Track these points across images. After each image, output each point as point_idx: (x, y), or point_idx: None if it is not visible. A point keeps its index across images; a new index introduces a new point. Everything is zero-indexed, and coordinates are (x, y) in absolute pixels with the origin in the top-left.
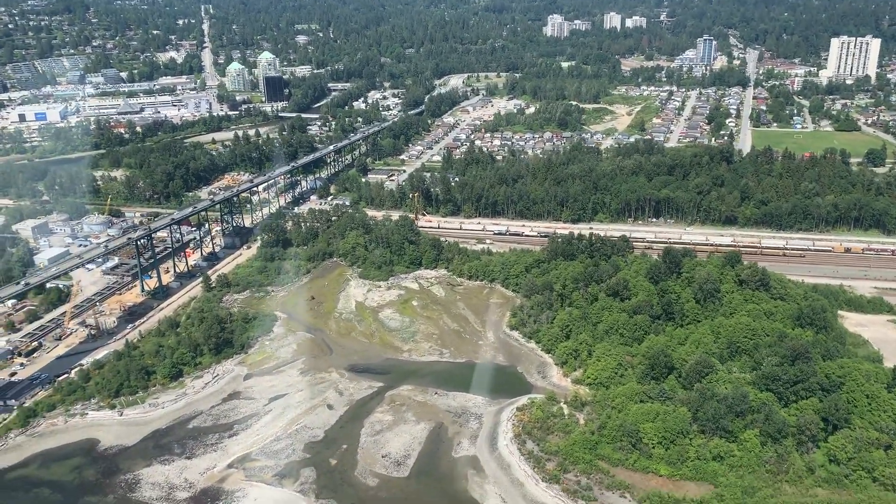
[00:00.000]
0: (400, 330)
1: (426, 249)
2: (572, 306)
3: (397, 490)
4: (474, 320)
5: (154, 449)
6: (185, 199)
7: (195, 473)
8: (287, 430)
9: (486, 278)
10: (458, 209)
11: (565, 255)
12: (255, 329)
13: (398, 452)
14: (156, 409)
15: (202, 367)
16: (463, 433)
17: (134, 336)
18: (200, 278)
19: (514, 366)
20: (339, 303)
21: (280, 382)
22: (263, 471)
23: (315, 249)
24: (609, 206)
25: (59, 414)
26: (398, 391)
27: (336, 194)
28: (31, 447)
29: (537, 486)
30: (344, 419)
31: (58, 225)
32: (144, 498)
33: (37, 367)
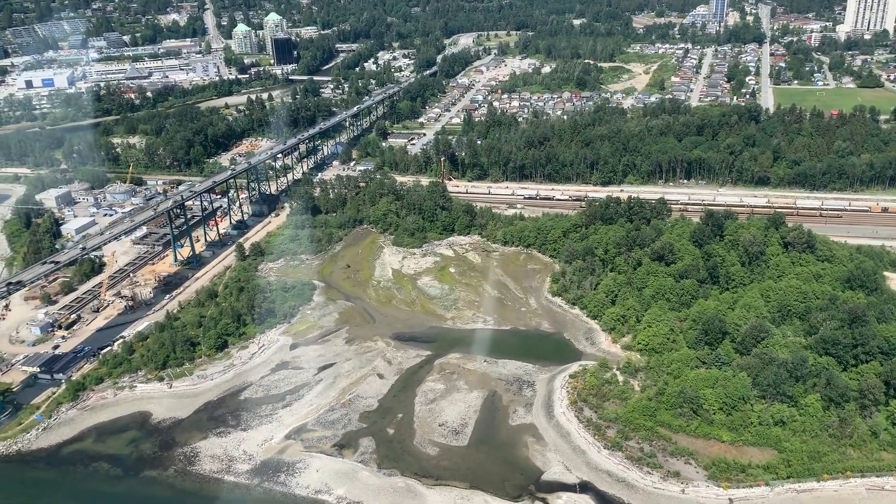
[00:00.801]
0: (440, 297)
1: (459, 215)
2: (615, 271)
3: (459, 459)
4: (514, 287)
5: (208, 421)
6: (206, 166)
7: (253, 445)
8: (340, 399)
9: (522, 244)
10: (485, 173)
11: (604, 220)
12: (295, 298)
13: (455, 421)
14: (205, 380)
15: (246, 337)
16: (517, 401)
17: (173, 307)
18: (232, 247)
19: (561, 332)
20: (375, 271)
21: (327, 352)
22: (321, 441)
23: (345, 217)
24: (639, 168)
25: (107, 387)
26: (447, 359)
27: (358, 159)
28: (83, 421)
29: (599, 453)
30: (396, 388)
31: (80, 194)
32: (205, 471)
33: (78, 340)
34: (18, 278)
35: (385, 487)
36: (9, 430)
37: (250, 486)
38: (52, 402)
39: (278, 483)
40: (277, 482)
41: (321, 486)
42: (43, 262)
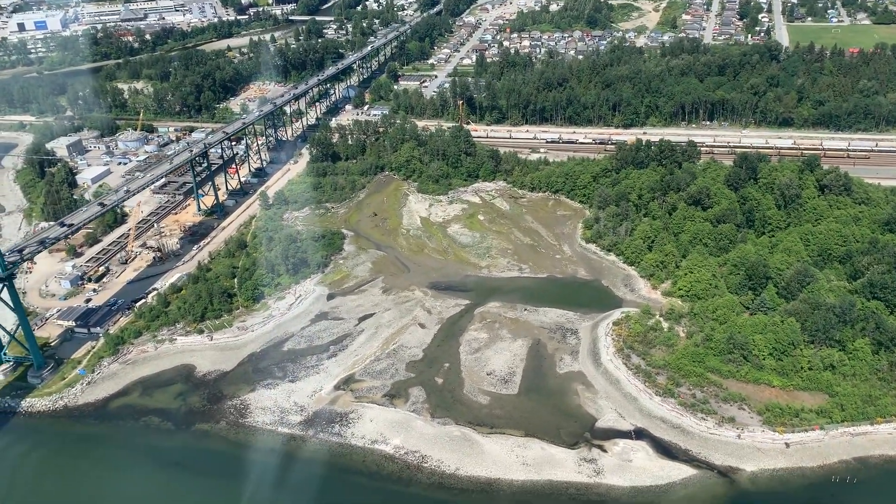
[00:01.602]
0: (472, 246)
1: (483, 161)
2: (649, 217)
3: (510, 407)
4: (546, 234)
5: (254, 373)
6: (217, 111)
7: (303, 396)
8: (384, 349)
9: (550, 189)
10: (504, 117)
11: (635, 164)
12: (326, 247)
13: (502, 370)
14: (245, 332)
15: (282, 287)
16: (562, 349)
17: (203, 258)
18: (254, 195)
19: (598, 279)
20: (403, 219)
21: (365, 302)
22: (371, 391)
23: (366, 163)
24: (662, 110)
25: (147, 340)
26: (486, 308)
27: (371, 103)
28: (127, 375)
29: (651, 400)
30: (439, 338)
31: (91, 142)
32: (258, 423)
33: (110, 293)
34: (70, 220)
35: (441, 436)
36: (53, 386)
37: (305, 438)
38: (92, 357)
39: (333, 434)
40: (332, 433)
41: (377, 435)
42: (62, 224)
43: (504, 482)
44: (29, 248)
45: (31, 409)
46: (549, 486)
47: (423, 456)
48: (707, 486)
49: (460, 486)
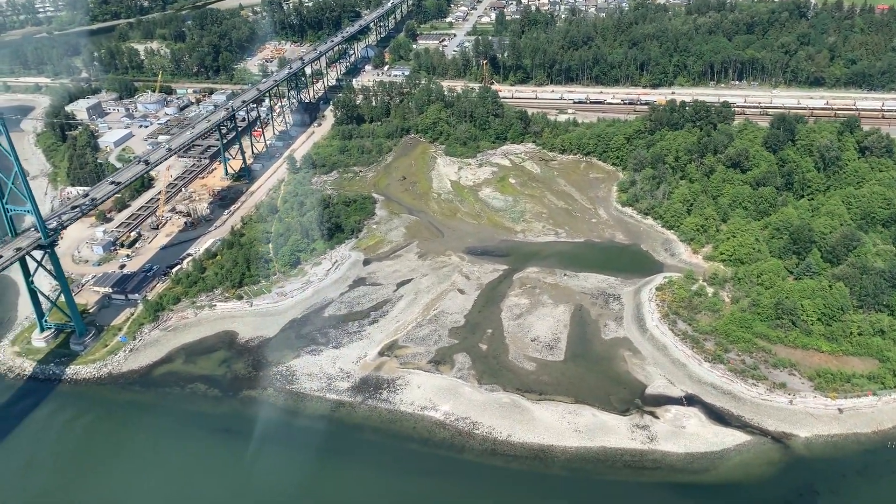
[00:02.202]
0: (506, 210)
1: (512, 123)
2: (686, 179)
3: (558, 374)
4: (580, 197)
5: (297, 339)
6: (235, 72)
7: (348, 363)
8: (425, 315)
9: (581, 151)
10: (528, 77)
11: (669, 125)
12: (359, 212)
13: (546, 336)
14: (284, 298)
15: (318, 253)
16: (606, 314)
17: (235, 223)
18: (280, 159)
19: (637, 244)
20: (432, 182)
21: (402, 267)
22: (416, 358)
23: (392, 126)
24: (691, 70)
25: (186, 307)
26: (525, 274)
27: (391, 63)
28: (168, 342)
29: (701, 366)
30: (479, 303)
31: (109, 105)
32: (305, 390)
33: (143, 259)
34: (115, 178)
35: (490, 403)
36: (96, 353)
37: (354, 404)
38: (133, 324)
39: (382, 400)
40: (381, 399)
41: (426, 402)
42: (111, 182)
43: (558, 449)
44: (68, 215)
45: (76, 377)
46: (604, 453)
47: (474, 422)
48: (762, 452)
49: (514, 452)
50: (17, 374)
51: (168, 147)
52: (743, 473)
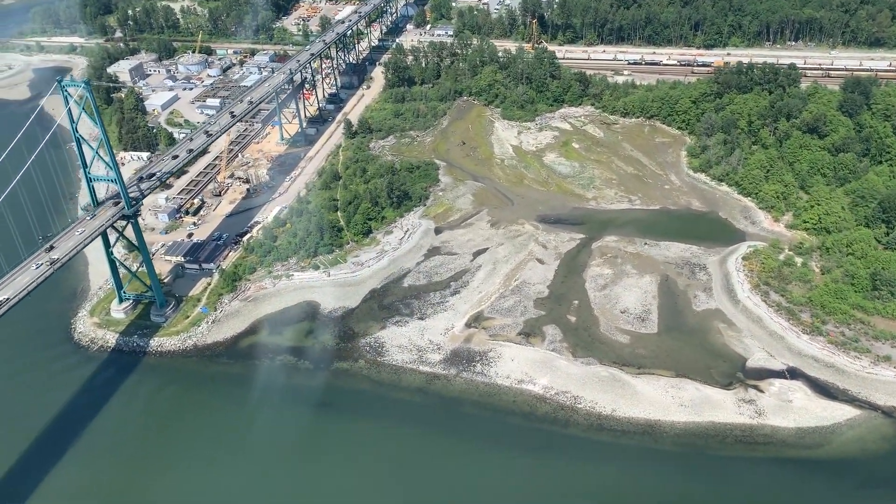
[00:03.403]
0: (574, 176)
1: (570, 85)
2: (758, 145)
3: (653, 346)
4: (649, 163)
5: (380, 310)
6: (275, 32)
7: (436, 334)
8: (507, 286)
9: (643, 115)
10: (577, 36)
11: (738, 88)
12: (423, 179)
13: (636, 308)
14: (361, 268)
15: (388, 221)
16: (694, 285)
17: (299, 189)
18: (332, 123)
19: (714, 211)
20: (493, 147)
21: (475, 236)
22: (505, 329)
23: (444, 88)
24: (746, 30)
25: (262, 277)
26: (604, 242)
27: (432, 22)
28: (250, 312)
29: (799, 338)
30: (561, 273)
31: (150, 66)
32: (397, 362)
33: (211, 227)
34: (190, 146)
35: (589, 376)
36: (178, 324)
37: (449, 377)
38: (211, 294)
39: (477, 373)
40: (475, 372)
41: (522, 375)
42: (175, 156)
43: (665, 424)
44: (147, 184)
45: (160, 349)
46: (713, 428)
47: (576, 397)
48: (874, 426)
49: (620, 427)
50: (101, 346)
51: (231, 112)
52: (858, 449)
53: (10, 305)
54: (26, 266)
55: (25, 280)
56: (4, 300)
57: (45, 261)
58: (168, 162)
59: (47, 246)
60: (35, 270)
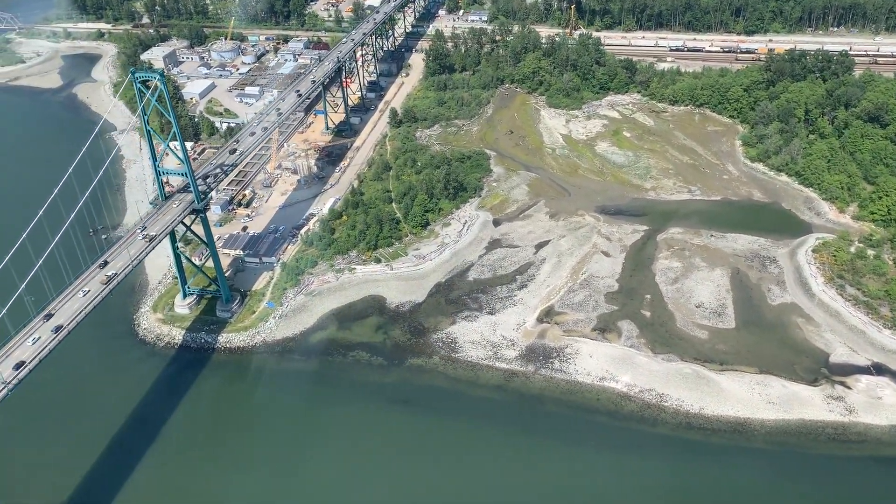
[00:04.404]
0: (629, 166)
1: (616, 72)
2: (815, 134)
3: (733, 342)
4: (703, 152)
5: (447, 305)
6: (307, 18)
7: (508, 330)
8: (575, 279)
9: (693, 103)
10: (616, 22)
11: (791, 76)
12: (475, 169)
13: (711, 302)
14: (423, 261)
15: (445, 213)
16: (766, 279)
17: (351, 180)
18: (375, 111)
19: (777, 202)
20: (542, 137)
21: (535, 228)
22: (578, 325)
23: (486, 76)
24: (789, 15)
25: (325, 270)
26: (669, 235)
27: (466, 8)
28: (315, 307)
29: (881, 333)
30: (628, 267)
31: (182, 53)
32: (472, 358)
33: (265, 219)
34: (243, 147)
35: (671, 373)
36: (245, 320)
37: (527, 374)
38: (275, 288)
39: (555, 370)
40: (554, 369)
41: (603, 372)
42: (230, 150)
43: (755, 422)
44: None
45: (229, 345)
46: (803, 426)
47: (661, 394)
48: None
49: (710, 426)
50: (167, 342)
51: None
52: None
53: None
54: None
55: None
56: (113, 275)
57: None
58: (227, 155)
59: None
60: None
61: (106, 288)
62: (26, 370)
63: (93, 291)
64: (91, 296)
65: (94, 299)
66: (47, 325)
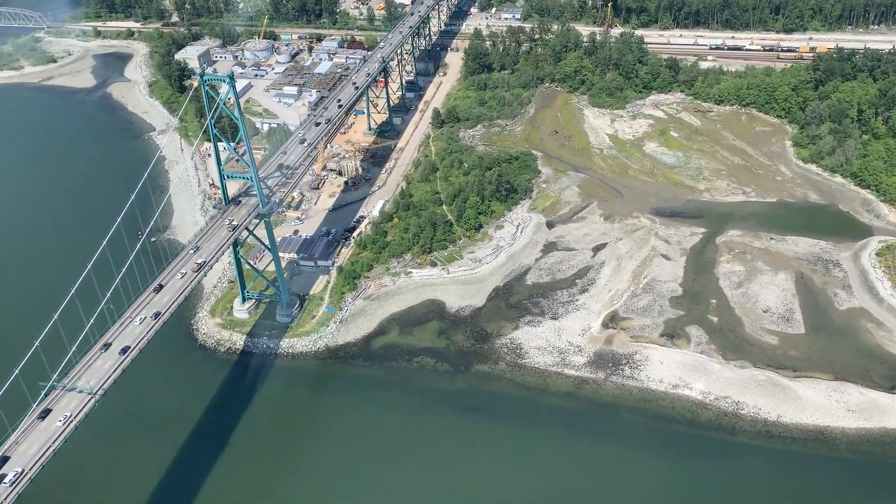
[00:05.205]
0: (680, 166)
1: (660, 71)
2: (869, 135)
3: (804, 348)
4: (754, 153)
5: (508, 309)
6: (339, 16)
7: (574, 335)
8: (637, 283)
9: (738, 102)
10: (652, 20)
11: (841, 75)
12: (523, 170)
13: (778, 307)
14: (479, 264)
15: (496, 215)
16: (831, 282)
17: (398, 182)
18: (415, 112)
19: (834, 204)
20: (588, 137)
21: (590, 230)
22: (645, 330)
23: (527, 75)
24: (827, 13)
25: (381, 274)
26: (728, 237)
27: (497, 6)
28: (375, 312)
29: None
30: (690, 270)
31: (216, 52)
32: (539, 364)
33: (316, 222)
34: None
35: (746, 380)
36: (306, 325)
37: (598, 381)
38: (333, 292)
39: (627, 377)
40: (625, 376)
41: (676, 380)
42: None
43: (836, 430)
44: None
45: (291, 350)
46: (887, 435)
47: (737, 402)
48: None
49: (790, 434)
50: (229, 348)
51: (339, 103)
52: None
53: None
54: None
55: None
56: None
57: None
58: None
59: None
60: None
61: (198, 274)
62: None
63: (188, 275)
64: (188, 279)
65: (190, 283)
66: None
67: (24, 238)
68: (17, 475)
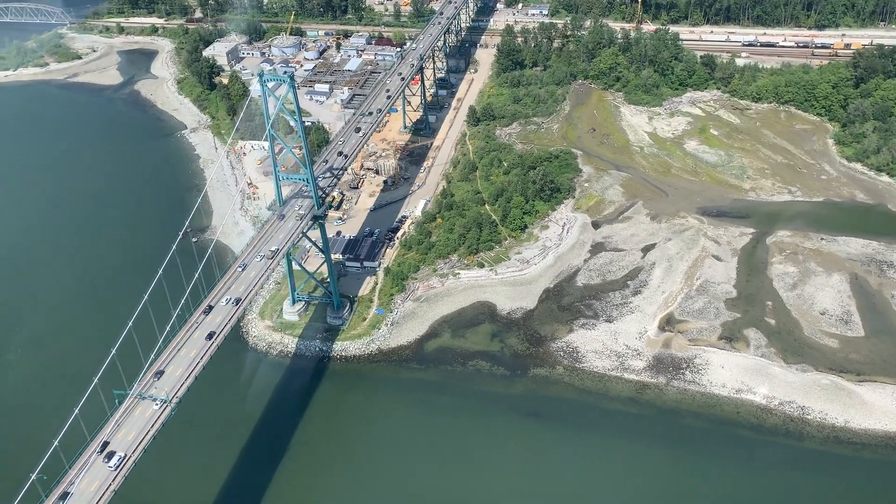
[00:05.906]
0: (722, 165)
1: (696, 68)
2: None
3: (866, 351)
4: (797, 151)
5: (561, 311)
6: (365, 12)
7: (630, 339)
8: (690, 285)
9: (777, 100)
10: (682, 16)
11: (884, 72)
12: (564, 169)
13: (835, 309)
14: (527, 265)
15: (540, 215)
16: (886, 284)
17: (438, 182)
18: (449, 109)
19: (882, 204)
20: (627, 135)
21: (637, 230)
22: (703, 333)
23: (560, 72)
24: (860, 9)
25: (428, 275)
26: (778, 238)
27: (524, 2)
28: (425, 314)
29: None
30: (743, 272)
31: (243, 48)
32: (598, 368)
33: (358, 222)
34: (348, 150)
35: (809, 385)
36: (357, 327)
37: (660, 386)
38: (382, 294)
39: (688, 382)
40: (687, 381)
41: (738, 384)
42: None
43: None
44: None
45: (344, 353)
46: None
47: (802, 407)
48: None
49: (859, 440)
50: (280, 350)
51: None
52: None
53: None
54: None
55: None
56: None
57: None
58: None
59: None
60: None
61: (273, 262)
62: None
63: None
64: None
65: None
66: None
67: (69, 238)
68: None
